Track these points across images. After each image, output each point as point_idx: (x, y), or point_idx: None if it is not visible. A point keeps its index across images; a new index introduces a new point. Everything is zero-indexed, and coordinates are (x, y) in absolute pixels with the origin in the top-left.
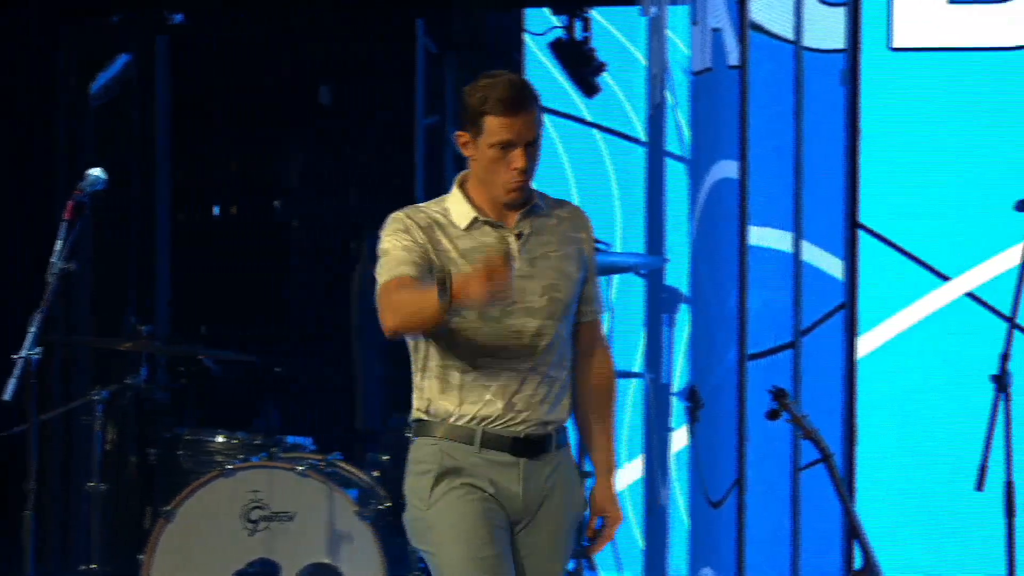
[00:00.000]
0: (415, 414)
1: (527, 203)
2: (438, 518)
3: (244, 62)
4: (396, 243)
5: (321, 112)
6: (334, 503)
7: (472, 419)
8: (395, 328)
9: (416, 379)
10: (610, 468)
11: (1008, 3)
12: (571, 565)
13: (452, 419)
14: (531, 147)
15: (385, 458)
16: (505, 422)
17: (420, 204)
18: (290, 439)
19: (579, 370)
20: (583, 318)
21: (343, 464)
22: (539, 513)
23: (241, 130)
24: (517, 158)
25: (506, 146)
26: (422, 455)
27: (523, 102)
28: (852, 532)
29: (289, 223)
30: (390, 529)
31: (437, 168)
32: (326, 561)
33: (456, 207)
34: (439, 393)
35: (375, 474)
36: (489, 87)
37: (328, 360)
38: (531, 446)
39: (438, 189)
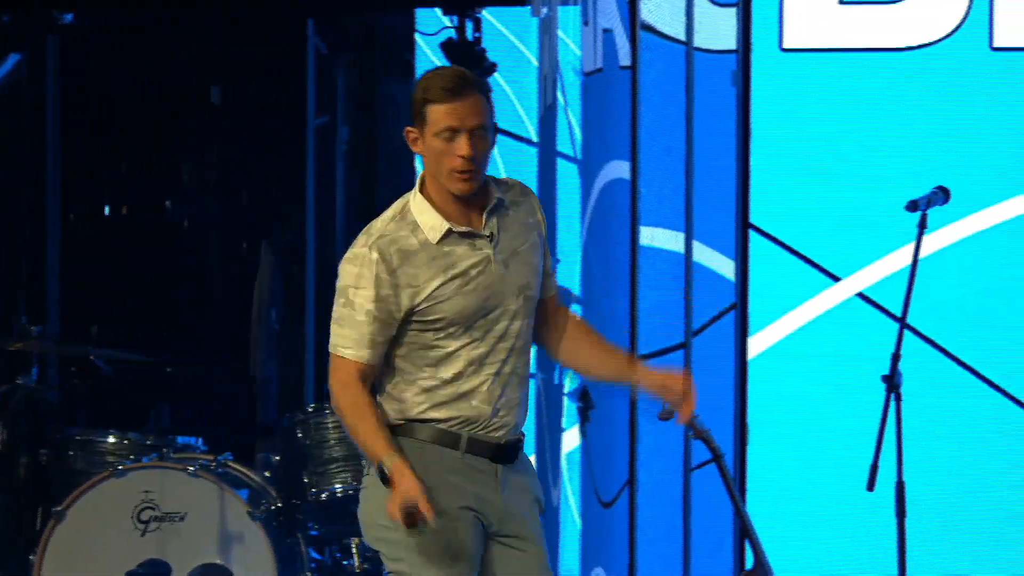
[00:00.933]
0: (391, 419)
1: (483, 196)
2: (420, 541)
3: (135, 62)
4: (363, 302)
5: (212, 112)
6: (225, 503)
7: (459, 423)
8: (340, 418)
9: (392, 385)
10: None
11: (899, 4)
12: None
13: (436, 423)
14: (478, 133)
15: (276, 458)
16: (488, 427)
17: (385, 220)
18: (180, 439)
19: (552, 331)
20: (547, 293)
21: (234, 464)
22: (521, 522)
23: (132, 130)
24: (462, 145)
25: (452, 134)
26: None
27: (465, 87)
28: (743, 532)
29: (180, 223)
30: (281, 529)
31: (328, 168)
32: (217, 561)
33: (424, 217)
34: (421, 400)
35: (266, 474)
36: (431, 77)
37: (219, 360)
38: (508, 452)
39: (329, 189)
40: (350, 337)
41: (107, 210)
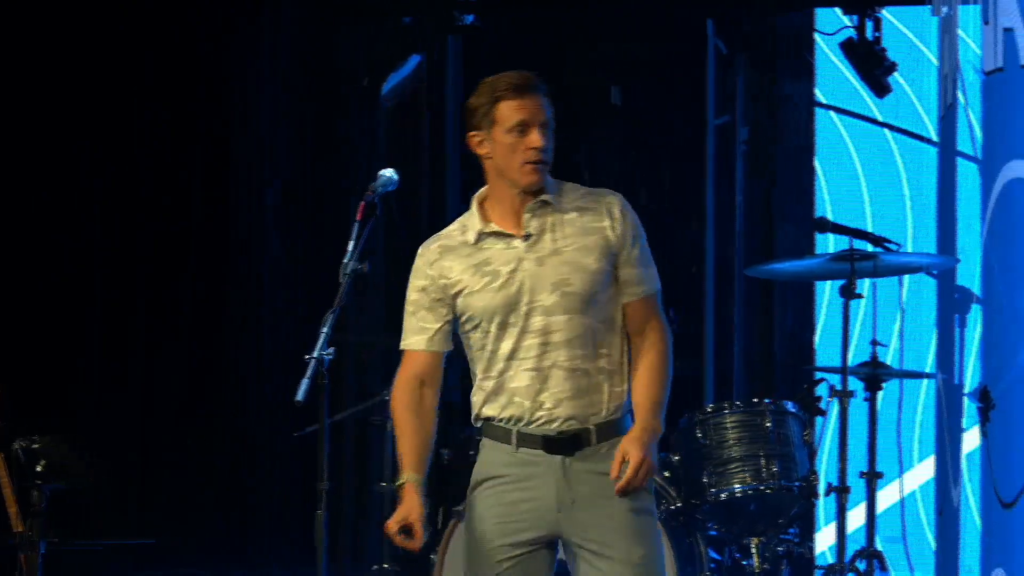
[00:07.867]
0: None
1: (533, 197)
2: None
3: (535, 63)
4: (411, 296)
5: (609, 112)
6: None
7: (508, 420)
8: None
9: (472, 391)
10: (645, 424)
11: None
12: (862, 565)
13: (491, 420)
14: (544, 129)
15: (675, 458)
16: (533, 422)
17: (450, 225)
18: None
19: (634, 349)
20: (626, 299)
21: None
22: (603, 529)
23: None
24: (534, 137)
25: (522, 129)
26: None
27: (532, 85)
28: None
29: None
30: (680, 529)
31: (727, 169)
32: None
33: (471, 220)
34: (479, 400)
35: (665, 474)
36: (496, 79)
37: None
38: (565, 444)
39: (728, 189)
40: (405, 330)
41: None
